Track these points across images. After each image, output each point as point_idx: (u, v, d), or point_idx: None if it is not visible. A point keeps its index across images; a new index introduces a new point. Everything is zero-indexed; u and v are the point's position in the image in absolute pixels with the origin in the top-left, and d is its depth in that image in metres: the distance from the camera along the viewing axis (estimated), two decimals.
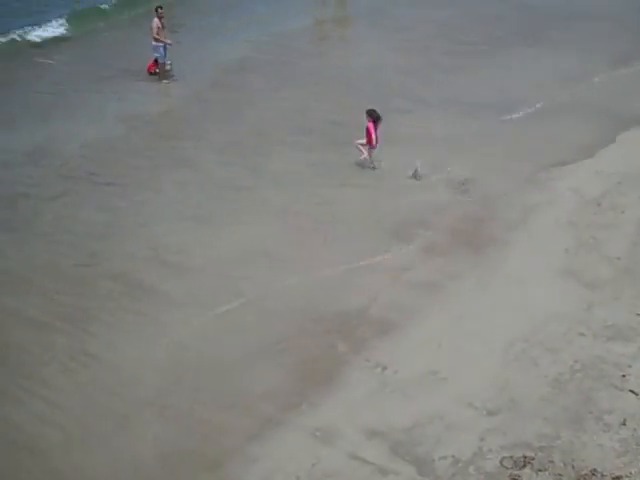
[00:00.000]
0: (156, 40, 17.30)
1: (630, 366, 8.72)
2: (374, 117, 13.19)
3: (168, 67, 17.58)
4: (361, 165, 13.44)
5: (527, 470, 7.44)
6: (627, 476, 7.35)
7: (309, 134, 14.70)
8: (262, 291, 10.23)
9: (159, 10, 17.41)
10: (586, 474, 7.37)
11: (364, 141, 13.29)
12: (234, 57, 18.97)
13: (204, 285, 10.43)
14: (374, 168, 13.45)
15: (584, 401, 8.27)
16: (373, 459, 7.66)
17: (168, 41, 17.45)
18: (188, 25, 21.45)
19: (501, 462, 7.54)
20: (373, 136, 13.20)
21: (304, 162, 13.84)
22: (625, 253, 10.89)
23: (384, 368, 8.88)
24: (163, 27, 17.45)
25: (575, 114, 15.46)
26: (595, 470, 7.40)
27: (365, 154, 13.33)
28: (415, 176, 12.99)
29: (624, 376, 8.58)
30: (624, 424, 7.93)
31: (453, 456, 7.64)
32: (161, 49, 17.39)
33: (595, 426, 7.94)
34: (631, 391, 8.36)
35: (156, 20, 17.29)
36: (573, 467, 7.46)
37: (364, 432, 7.98)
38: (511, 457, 7.58)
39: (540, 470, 7.43)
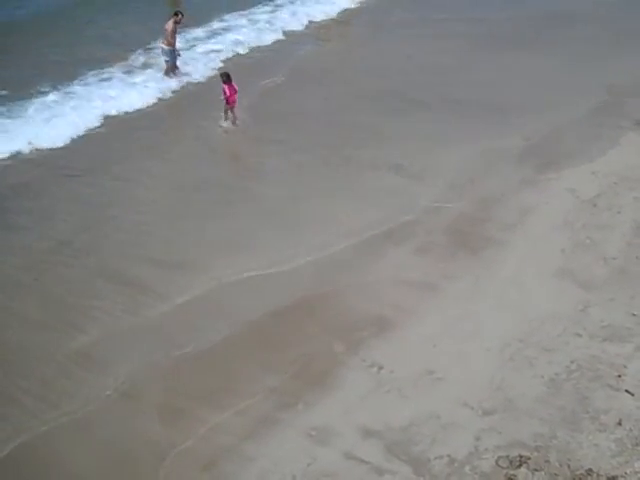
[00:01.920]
0: (169, 44, 16.97)
1: (626, 366, 8.74)
2: (226, 79, 14.75)
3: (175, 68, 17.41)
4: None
5: (523, 470, 7.45)
6: (622, 476, 7.37)
7: (305, 133, 14.68)
8: (257, 290, 10.23)
9: (179, 15, 16.86)
10: (582, 474, 7.39)
11: (224, 101, 14.75)
12: (233, 58, 18.94)
13: (197, 282, 10.39)
14: (235, 124, 14.78)
15: (580, 401, 8.29)
16: (369, 459, 7.67)
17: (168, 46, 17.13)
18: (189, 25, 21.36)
19: (497, 462, 7.56)
20: (227, 94, 14.68)
21: (298, 161, 13.83)
22: (621, 253, 10.91)
23: (380, 368, 8.89)
24: (175, 31, 17.06)
25: (576, 115, 15.43)
26: (591, 470, 7.43)
27: (224, 122, 14.76)
28: (399, 173, 13.09)
29: (620, 376, 8.60)
30: (620, 424, 7.96)
31: (449, 456, 7.65)
32: (171, 53, 17.08)
33: (591, 426, 7.96)
34: (627, 391, 8.39)
35: (175, 25, 16.83)
36: (569, 467, 7.48)
37: (360, 432, 7.99)
38: (507, 457, 7.61)
39: (536, 470, 7.45)
